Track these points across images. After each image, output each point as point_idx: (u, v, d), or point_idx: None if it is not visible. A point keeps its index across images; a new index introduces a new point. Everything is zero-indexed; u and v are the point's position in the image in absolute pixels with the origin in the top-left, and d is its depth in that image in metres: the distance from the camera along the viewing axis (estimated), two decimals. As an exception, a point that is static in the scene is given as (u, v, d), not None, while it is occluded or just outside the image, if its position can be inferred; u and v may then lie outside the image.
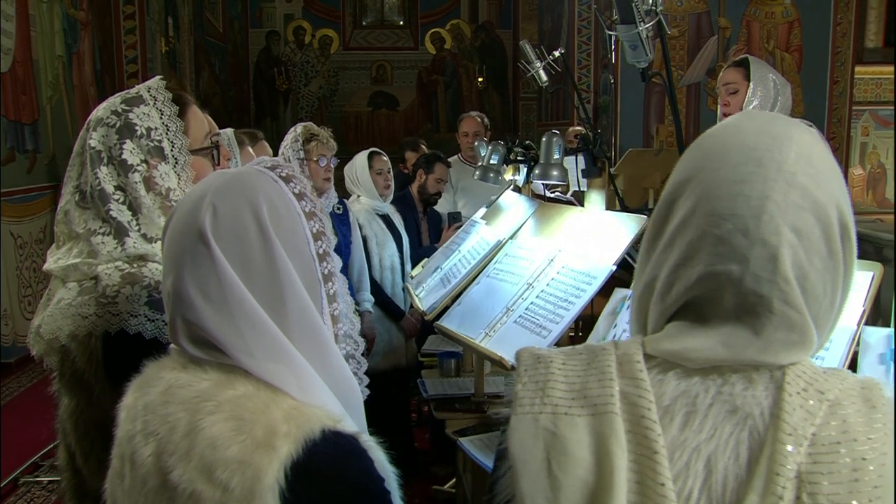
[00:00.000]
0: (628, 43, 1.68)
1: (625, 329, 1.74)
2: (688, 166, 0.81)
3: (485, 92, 12.21)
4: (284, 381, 0.90)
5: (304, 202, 0.99)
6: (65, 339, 1.33)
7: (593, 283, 1.89)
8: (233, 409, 0.86)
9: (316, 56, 12.12)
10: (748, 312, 0.75)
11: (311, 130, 3.48)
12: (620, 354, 0.80)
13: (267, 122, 11.71)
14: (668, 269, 0.79)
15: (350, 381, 1.00)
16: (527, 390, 0.80)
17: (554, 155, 2.09)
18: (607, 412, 0.75)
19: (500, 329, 2.04)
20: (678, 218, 0.79)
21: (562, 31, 8.31)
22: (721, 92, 2.78)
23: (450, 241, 2.95)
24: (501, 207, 2.79)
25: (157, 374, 0.94)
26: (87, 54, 6.99)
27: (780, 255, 0.74)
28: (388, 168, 3.84)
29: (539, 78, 3.12)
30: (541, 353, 0.84)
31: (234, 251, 0.91)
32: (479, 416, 2.51)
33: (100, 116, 1.38)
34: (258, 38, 11.94)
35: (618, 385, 0.77)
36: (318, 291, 0.99)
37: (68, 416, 1.37)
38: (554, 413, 0.77)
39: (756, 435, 0.73)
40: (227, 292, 0.90)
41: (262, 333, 0.90)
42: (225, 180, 0.97)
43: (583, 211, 2.21)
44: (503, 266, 2.26)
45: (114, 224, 1.36)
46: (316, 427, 0.86)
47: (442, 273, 2.62)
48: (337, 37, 12.09)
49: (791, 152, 0.76)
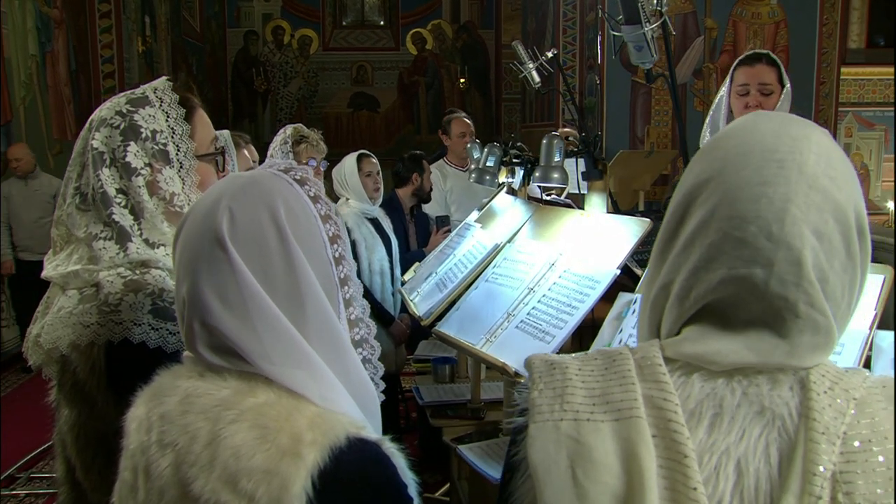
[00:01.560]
0: (633, 44, 1.69)
1: (630, 334, 1.74)
2: (705, 167, 0.80)
3: (467, 93, 12.24)
4: (305, 387, 0.89)
5: (319, 205, 0.99)
6: (65, 348, 1.30)
7: (597, 288, 1.89)
8: (256, 417, 0.85)
9: (295, 56, 12.07)
10: (774, 316, 0.75)
11: (300, 132, 3.46)
12: (639, 358, 0.79)
13: (245, 123, 11.64)
14: (686, 272, 0.78)
15: (368, 386, 1.00)
16: (544, 397, 0.78)
17: (555, 157, 2.10)
18: (632, 416, 0.74)
19: (502, 335, 2.03)
20: (696, 220, 0.78)
21: (546, 31, 8.34)
22: (752, 91, 2.52)
23: (443, 245, 2.94)
24: (496, 211, 2.79)
25: (172, 384, 0.93)
26: (61, 53, 6.90)
27: (804, 258, 0.74)
28: (377, 170, 3.83)
29: (532, 79, 3.12)
30: (553, 359, 0.83)
31: (253, 255, 0.91)
32: (476, 422, 2.50)
33: (103, 116, 1.35)
34: (236, 37, 11.88)
35: (640, 389, 0.76)
36: (336, 296, 0.99)
37: (68, 429, 1.34)
38: (576, 419, 0.75)
39: (786, 435, 0.73)
40: (247, 297, 0.89)
41: (283, 339, 0.90)
42: (241, 184, 0.96)
43: (583, 214, 2.22)
44: (502, 270, 2.25)
45: (116, 228, 1.34)
46: (341, 434, 0.86)
47: (437, 278, 2.61)
48: (316, 37, 12.06)
49: (811, 154, 0.76)
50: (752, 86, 2.52)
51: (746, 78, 2.53)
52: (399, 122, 12.29)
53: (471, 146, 3.07)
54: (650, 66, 1.82)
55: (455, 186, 4.56)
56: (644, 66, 1.83)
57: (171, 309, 1.29)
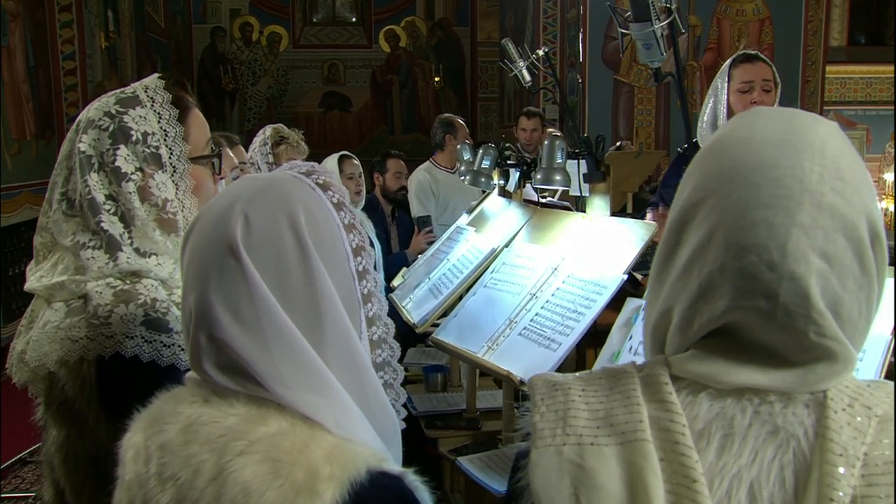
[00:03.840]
0: (642, 42, 1.68)
1: (640, 340, 1.73)
2: (700, 183, 0.76)
3: (441, 92, 12.22)
4: (321, 414, 0.84)
5: (343, 213, 0.94)
6: (53, 365, 1.26)
7: (604, 293, 1.88)
8: (267, 448, 0.80)
9: (264, 54, 11.96)
10: (784, 345, 0.73)
11: (280, 133, 3.42)
12: (644, 377, 0.77)
13: (213, 123, 11.37)
14: (685, 301, 0.76)
15: (389, 414, 0.95)
16: (546, 421, 0.76)
17: (557, 158, 2.08)
18: (637, 440, 0.72)
19: (504, 342, 2.01)
20: (692, 244, 0.75)
21: (526, 28, 8.36)
22: (756, 87, 2.57)
23: (434, 250, 2.91)
24: (489, 214, 2.77)
25: (173, 409, 0.87)
26: (18, 48, 6.74)
27: (810, 287, 0.71)
28: (359, 172, 3.79)
29: (522, 77, 3.11)
30: (556, 379, 0.81)
31: (269, 266, 0.86)
32: (473, 433, 2.47)
33: (91, 118, 1.31)
34: (202, 34, 11.73)
35: (646, 410, 0.74)
36: (358, 313, 0.94)
37: (56, 449, 1.30)
38: (579, 444, 0.73)
39: (801, 457, 0.70)
40: (261, 312, 0.84)
41: (299, 361, 0.84)
42: (257, 187, 0.91)
43: (584, 217, 2.21)
44: (501, 275, 2.23)
45: (105, 237, 1.30)
46: (361, 468, 0.81)
47: (430, 283, 2.59)
48: (286, 34, 11.96)
49: (815, 166, 0.72)
50: (756, 82, 2.55)
51: (750, 75, 2.56)
52: (372, 122, 12.23)
53: (461, 147, 3.05)
54: (659, 64, 1.82)
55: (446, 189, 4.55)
56: (653, 65, 1.83)
57: (164, 320, 1.25)
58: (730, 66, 2.62)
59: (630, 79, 6.86)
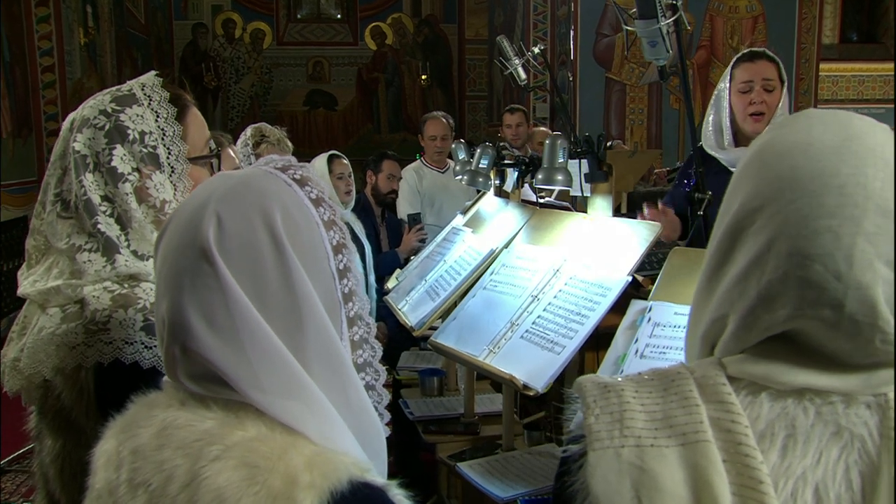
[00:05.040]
0: (647, 39, 1.67)
1: (647, 343, 1.73)
2: (755, 191, 0.76)
3: (429, 90, 12.21)
4: (301, 420, 0.81)
5: (322, 209, 0.90)
6: (49, 373, 1.23)
7: (608, 295, 1.87)
8: (243, 454, 0.77)
9: (247, 51, 11.90)
10: (849, 353, 0.73)
11: (261, 131, 3.41)
12: (700, 377, 0.77)
13: (195, 121, 11.41)
14: (743, 309, 0.76)
15: (372, 419, 0.92)
16: (601, 423, 0.76)
17: (559, 158, 2.08)
18: (699, 440, 0.72)
19: (506, 345, 2.00)
20: (750, 252, 0.75)
21: (516, 26, 8.37)
22: (756, 87, 2.53)
23: (430, 251, 2.90)
24: (485, 214, 2.76)
25: (147, 413, 0.85)
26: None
27: (877, 296, 0.71)
28: (349, 172, 3.79)
29: (518, 76, 3.11)
30: (606, 381, 0.80)
31: (245, 270, 0.82)
32: (471, 437, 2.47)
33: (86, 116, 1.29)
34: (183, 30, 11.65)
35: (705, 410, 0.74)
36: (339, 314, 0.91)
37: (52, 460, 1.27)
38: (638, 445, 0.73)
39: (867, 458, 0.70)
40: (237, 318, 0.81)
41: (277, 365, 0.81)
42: (230, 185, 0.87)
43: (585, 217, 2.20)
44: (501, 277, 2.22)
45: (102, 239, 1.28)
46: (343, 477, 0.77)
47: (427, 285, 2.57)
48: (270, 31, 11.91)
49: (878, 171, 0.72)
50: (755, 82, 2.52)
51: (749, 74, 2.54)
52: (358, 120, 12.20)
53: (456, 147, 3.04)
54: (664, 62, 1.82)
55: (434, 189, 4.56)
56: (658, 63, 1.82)
57: None
58: (732, 65, 2.62)
59: (622, 77, 6.89)
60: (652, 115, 6.93)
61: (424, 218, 4.42)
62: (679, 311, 1.74)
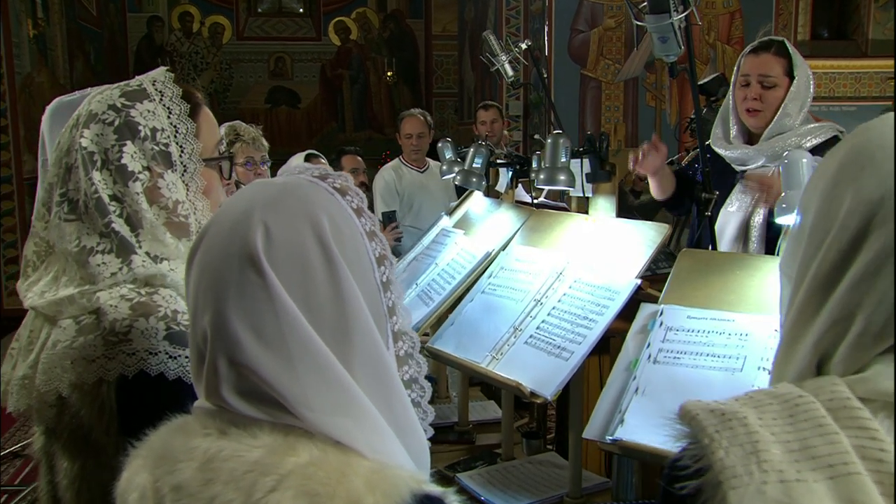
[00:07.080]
0: (657, 35, 1.68)
1: (660, 348, 1.73)
2: (875, 188, 0.76)
3: (395, 87, 12.17)
4: (350, 435, 0.81)
5: (363, 219, 0.91)
6: (65, 389, 1.19)
7: (616, 299, 1.87)
8: (301, 482, 0.75)
9: (206, 46, 11.73)
10: None
11: (236, 130, 3.37)
12: (827, 401, 0.73)
13: (151, 119, 11.22)
14: (874, 305, 0.74)
15: (418, 433, 0.92)
16: (733, 457, 0.71)
17: (561, 157, 2.07)
18: (850, 473, 0.68)
19: (509, 351, 1.99)
20: (876, 247, 0.74)
21: (487, 21, 8.38)
22: (752, 82, 2.50)
23: (417, 254, 2.88)
24: (476, 216, 2.75)
25: (184, 445, 0.82)
26: (-64, 38, 6.47)
27: None
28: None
29: (505, 72, 3.10)
30: (721, 407, 0.76)
31: (294, 279, 0.82)
32: (467, 447, 2.45)
33: (93, 111, 1.24)
34: (138, 23, 11.44)
35: (846, 438, 0.70)
36: (385, 327, 0.92)
37: (69, 484, 1.22)
38: (782, 481, 0.68)
39: None
40: (287, 331, 0.80)
41: (328, 382, 0.81)
42: (272, 193, 0.87)
43: (586, 218, 2.20)
44: (500, 281, 2.21)
45: (116, 239, 1.23)
46: (405, 493, 0.78)
47: (419, 289, 2.55)
48: (229, 25, 11.75)
49: None
50: (752, 76, 2.51)
51: (748, 68, 2.53)
52: (321, 118, 12.11)
53: (442, 145, 3.03)
54: (675, 58, 1.82)
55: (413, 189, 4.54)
56: (668, 59, 1.83)
57: (186, 333, 1.20)
58: (741, 56, 2.62)
59: (597, 74, 6.93)
60: (628, 112, 6.99)
61: (402, 219, 4.41)
62: (692, 315, 1.74)
